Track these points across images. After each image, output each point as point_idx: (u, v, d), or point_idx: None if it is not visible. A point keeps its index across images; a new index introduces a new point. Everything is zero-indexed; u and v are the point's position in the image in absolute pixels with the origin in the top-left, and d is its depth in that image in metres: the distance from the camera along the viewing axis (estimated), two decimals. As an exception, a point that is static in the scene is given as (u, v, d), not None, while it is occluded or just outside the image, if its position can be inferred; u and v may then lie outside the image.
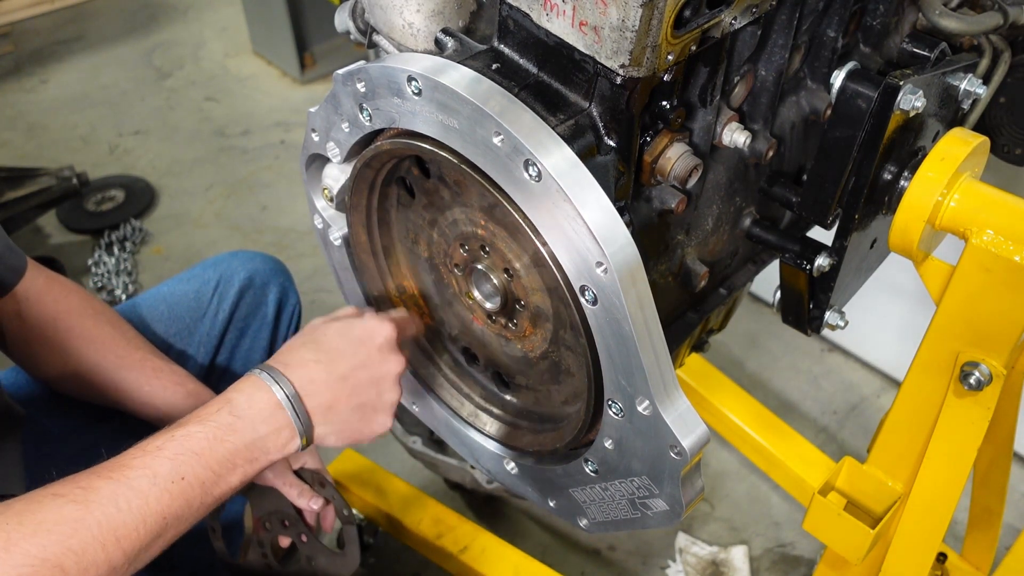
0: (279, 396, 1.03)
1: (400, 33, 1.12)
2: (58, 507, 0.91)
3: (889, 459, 1.29)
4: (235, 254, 1.63)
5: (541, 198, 0.92)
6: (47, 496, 0.92)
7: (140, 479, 0.95)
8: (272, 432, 1.03)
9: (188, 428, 1.00)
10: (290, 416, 1.04)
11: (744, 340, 2.68)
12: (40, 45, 4.33)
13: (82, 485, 0.93)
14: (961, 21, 1.15)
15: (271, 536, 1.49)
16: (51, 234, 3.22)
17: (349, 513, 1.45)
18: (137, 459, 0.97)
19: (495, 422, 1.28)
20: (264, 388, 1.03)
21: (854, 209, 1.11)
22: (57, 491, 0.93)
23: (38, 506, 0.91)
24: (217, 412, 1.01)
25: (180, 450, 0.98)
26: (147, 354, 1.42)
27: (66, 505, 0.91)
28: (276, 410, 1.03)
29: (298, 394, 1.04)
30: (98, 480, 0.94)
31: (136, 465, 0.96)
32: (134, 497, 0.94)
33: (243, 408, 1.02)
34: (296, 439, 1.05)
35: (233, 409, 1.02)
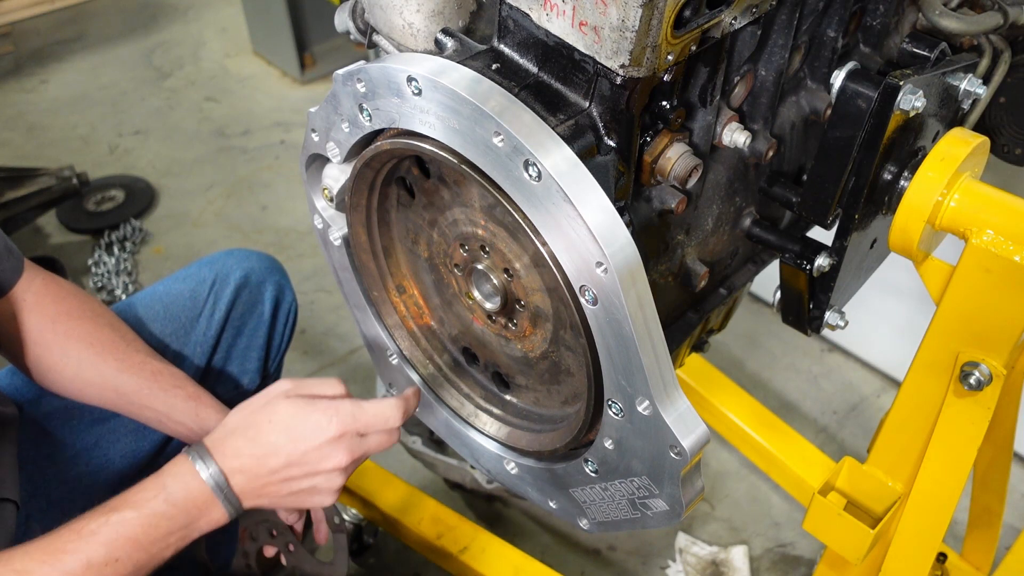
0: (210, 484, 1.06)
1: (400, 33, 1.12)
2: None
3: (889, 459, 1.29)
4: (230, 252, 1.63)
5: (541, 198, 0.92)
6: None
7: (75, 564, 0.99)
8: (203, 515, 1.08)
9: (123, 514, 1.03)
10: (220, 501, 1.08)
11: (744, 340, 2.68)
12: (40, 45, 4.33)
13: (18, 569, 0.97)
14: (961, 21, 1.15)
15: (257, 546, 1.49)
16: (51, 234, 3.22)
17: (340, 522, 1.45)
18: (72, 543, 1.00)
19: (495, 422, 1.28)
20: (196, 476, 1.07)
21: (854, 209, 1.11)
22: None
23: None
24: (153, 499, 1.04)
25: (114, 535, 1.01)
26: (146, 356, 1.41)
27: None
28: (208, 498, 1.07)
29: (228, 483, 1.07)
30: (33, 564, 0.98)
31: (71, 550, 0.99)
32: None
33: (177, 496, 1.05)
34: (225, 515, 1.09)
35: (168, 497, 1.05)
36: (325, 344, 2.70)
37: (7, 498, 1.24)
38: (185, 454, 1.08)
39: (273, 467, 1.08)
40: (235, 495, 1.08)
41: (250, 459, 1.08)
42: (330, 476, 1.11)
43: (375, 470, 2.05)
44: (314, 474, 1.10)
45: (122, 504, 1.04)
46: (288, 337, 1.68)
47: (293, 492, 1.11)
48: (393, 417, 1.12)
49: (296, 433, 1.08)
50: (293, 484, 1.10)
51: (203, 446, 1.09)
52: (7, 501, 1.24)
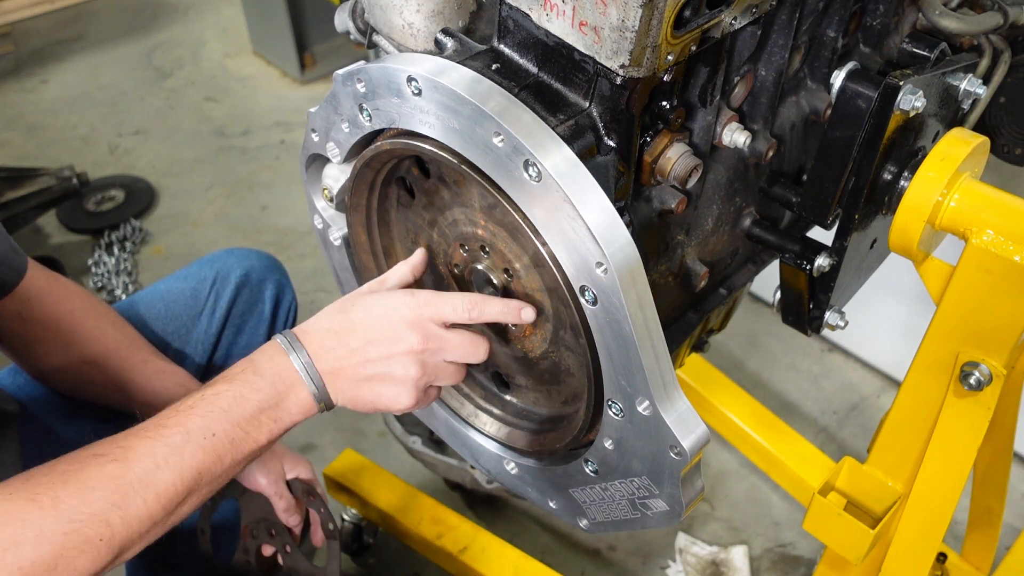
0: (292, 358, 1.08)
1: (400, 33, 1.12)
2: (100, 465, 0.96)
3: (889, 459, 1.29)
4: (230, 251, 1.63)
5: (541, 198, 0.92)
6: (89, 456, 0.97)
7: (175, 435, 1.00)
8: (290, 391, 1.08)
9: (217, 387, 1.05)
10: (303, 378, 1.08)
11: (744, 340, 2.68)
12: (40, 45, 4.33)
13: (121, 444, 0.99)
14: (961, 21, 1.15)
15: (256, 544, 1.50)
16: (51, 234, 3.22)
17: (334, 528, 1.45)
18: (171, 418, 1.02)
19: (495, 422, 1.28)
20: (280, 351, 1.08)
21: (854, 209, 1.11)
22: (98, 451, 0.98)
23: (81, 465, 0.96)
24: (242, 372, 1.07)
25: (210, 408, 1.03)
26: (149, 355, 1.42)
27: (107, 464, 0.96)
28: (291, 371, 1.08)
29: (310, 359, 1.08)
30: (135, 439, 1.00)
31: (170, 424, 1.01)
32: (170, 453, 0.99)
33: (263, 368, 1.07)
34: (312, 401, 1.09)
35: (256, 368, 1.07)
36: (325, 344, 2.70)
37: None
38: (273, 338, 1.11)
39: (353, 346, 1.08)
40: (318, 374, 1.08)
41: (330, 335, 1.09)
42: (404, 362, 1.08)
43: (375, 470, 2.05)
44: (389, 356, 1.08)
45: (216, 381, 1.07)
46: None
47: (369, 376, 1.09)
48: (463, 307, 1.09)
49: (375, 312, 1.08)
50: (369, 366, 1.09)
51: (290, 331, 1.11)
52: None
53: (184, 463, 1.00)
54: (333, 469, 2.05)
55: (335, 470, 2.05)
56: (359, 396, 1.11)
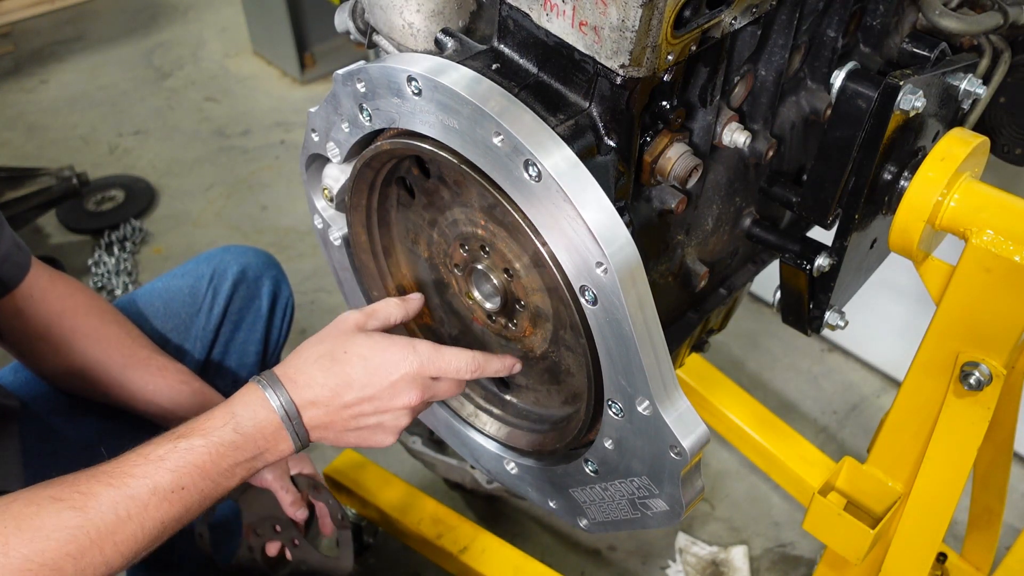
0: (280, 415, 1.04)
1: (400, 33, 1.12)
2: (56, 512, 0.92)
3: (889, 459, 1.29)
4: (227, 249, 1.64)
5: (541, 198, 0.92)
6: (45, 499, 0.93)
7: (141, 488, 0.96)
8: (271, 446, 1.05)
9: (191, 441, 1.00)
10: (288, 434, 1.05)
11: (744, 340, 2.68)
12: (40, 45, 4.33)
13: (82, 490, 0.94)
14: (961, 21, 1.15)
15: (261, 541, 1.49)
16: (51, 234, 3.22)
17: (344, 517, 1.45)
18: (139, 467, 0.98)
19: (495, 422, 1.28)
20: (267, 406, 1.03)
21: (854, 209, 1.11)
22: (56, 494, 0.93)
23: (36, 509, 0.91)
24: (222, 427, 1.02)
25: (182, 462, 0.99)
26: (151, 352, 1.42)
27: (65, 511, 0.92)
28: (277, 428, 1.04)
29: (299, 413, 1.05)
30: (98, 486, 0.95)
31: (138, 474, 0.97)
32: (134, 506, 0.95)
33: (247, 426, 1.02)
34: (292, 448, 1.07)
35: (237, 426, 1.02)
36: (325, 344, 2.70)
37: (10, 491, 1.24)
38: (255, 383, 1.05)
39: (347, 400, 1.05)
40: (304, 428, 1.05)
41: (324, 390, 1.04)
42: (398, 415, 1.08)
43: (375, 470, 2.05)
44: (384, 411, 1.06)
45: (190, 431, 1.01)
46: (286, 331, 1.69)
47: (359, 428, 1.08)
48: (466, 369, 1.08)
49: (373, 366, 1.04)
50: (361, 420, 1.07)
51: (274, 375, 1.05)
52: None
53: (148, 516, 0.96)
54: (334, 469, 2.05)
55: (335, 470, 2.05)
56: (344, 441, 1.09)
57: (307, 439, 1.07)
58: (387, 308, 1.12)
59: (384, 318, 1.11)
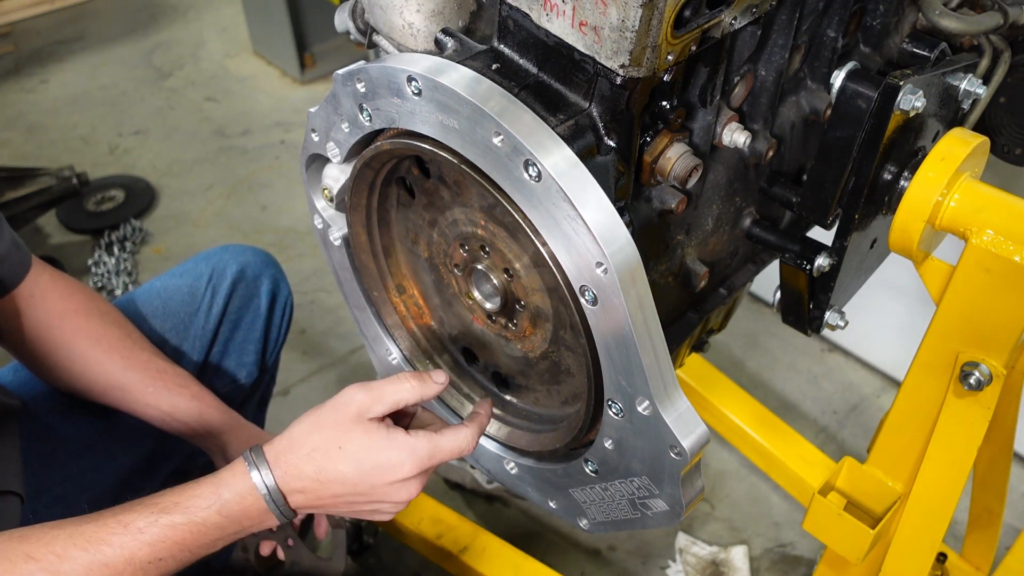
0: (265, 499, 1.03)
1: (400, 33, 1.12)
2: (29, 572, 0.92)
3: (889, 459, 1.29)
4: (226, 248, 1.63)
5: (541, 198, 0.92)
6: (21, 557, 0.92)
7: (116, 558, 0.95)
8: (255, 523, 1.05)
9: (173, 517, 0.99)
10: (274, 514, 1.04)
11: (744, 340, 2.68)
12: (40, 45, 4.33)
13: (57, 552, 0.94)
14: (961, 21, 1.15)
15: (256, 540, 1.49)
16: (51, 234, 3.22)
17: (339, 518, 1.45)
18: (116, 536, 0.97)
19: (495, 422, 1.28)
20: (254, 491, 1.02)
21: (854, 209, 1.11)
22: (31, 552, 0.93)
23: (10, 567, 0.91)
24: (206, 508, 1.01)
25: (161, 537, 0.98)
26: (151, 355, 1.42)
27: (37, 573, 0.92)
28: (262, 510, 1.03)
29: (284, 499, 1.04)
30: (74, 551, 0.94)
31: (115, 543, 0.96)
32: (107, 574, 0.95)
33: (232, 509, 1.02)
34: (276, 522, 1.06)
35: (222, 508, 1.01)
36: (325, 344, 2.70)
37: (11, 490, 1.24)
38: (244, 463, 1.03)
39: (336, 492, 1.03)
40: (290, 510, 1.04)
41: (312, 483, 1.02)
42: (396, 505, 1.06)
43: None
44: (380, 502, 1.05)
45: (173, 507, 1.00)
46: (285, 331, 1.68)
47: (353, 512, 1.07)
48: (468, 447, 1.05)
49: (367, 467, 1.01)
50: (354, 507, 1.06)
51: (263, 458, 1.03)
52: (11, 493, 1.24)
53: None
54: (333, 469, 2.05)
55: (335, 470, 2.05)
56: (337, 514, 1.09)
57: (292, 516, 1.06)
58: (398, 391, 1.04)
59: (393, 403, 1.04)
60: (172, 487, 1.03)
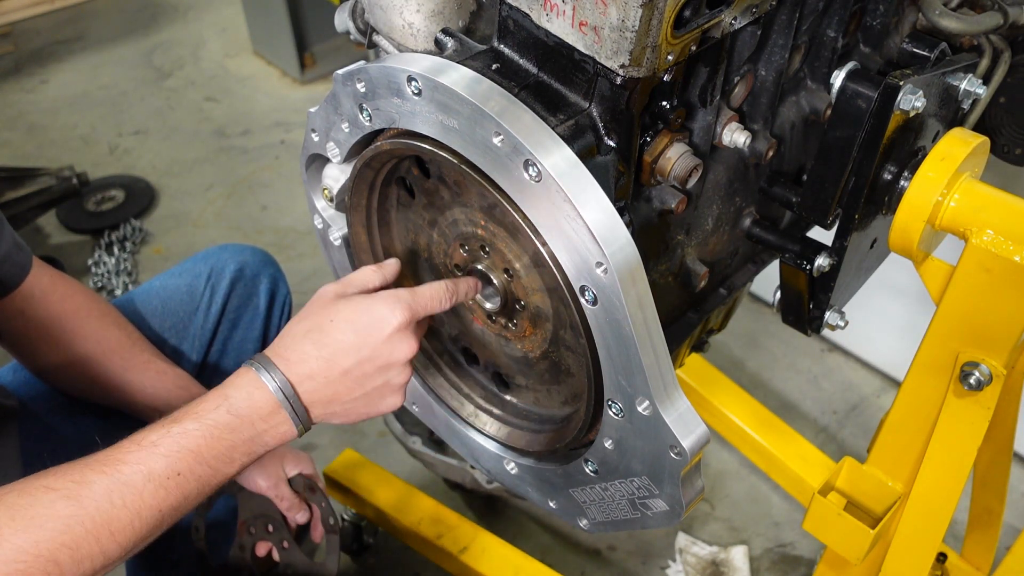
0: (277, 396, 1.01)
1: (400, 33, 1.12)
2: (50, 502, 0.90)
3: (889, 459, 1.29)
4: (224, 247, 1.63)
5: (541, 198, 0.92)
6: (39, 489, 0.91)
7: (135, 475, 0.94)
8: (270, 428, 1.02)
9: (184, 424, 0.98)
10: (288, 413, 1.02)
11: (744, 340, 2.68)
12: (40, 45, 4.33)
13: (75, 479, 0.93)
14: (961, 21, 1.15)
15: (253, 541, 1.49)
16: (51, 234, 3.22)
17: (335, 522, 1.45)
18: (132, 454, 0.96)
19: (495, 422, 1.28)
20: (262, 386, 1.01)
21: (854, 209, 1.11)
22: (50, 484, 0.92)
23: (30, 500, 0.90)
24: (215, 409, 1.00)
25: (176, 447, 0.97)
26: (151, 356, 1.42)
27: (58, 500, 0.91)
28: (274, 408, 1.01)
29: (296, 392, 1.02)
30: (92, 474, 0.93)
31: (131, 460, 0.95)
32: (128, 493, 0.93)
33: (241, 407, 1.00)
34: (294, 429, 1.04)
35: (231, 407, 1.00)
36: (325, 344, 2.70)
37: None
38: (247, 365, 1.02)
39: (345, 366, 1.02)
40: (302, 405, 1.02)
41: (319, 361, 1.01)
42: (400, 369, 1.05)
43: (375, 470, 2.05)
44: (387, 367, 1.04)
45: (183, 415, 0.99)
46: None
47: (366, 393, 1.05)
48: (446, 298, 1.07)
49: (363, 326, 1.02)
50: (367, 383, 1.04)
51: (265, 356, 1.03)
52: None
53: (144, 503, 0.94)
54: (333, 469, 2.05)
55: (335, 470, 2.05)
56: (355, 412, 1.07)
57: (308, 419, 1.04)
58: (363, 275, 1.09)
59: (361, 284, 1.08)
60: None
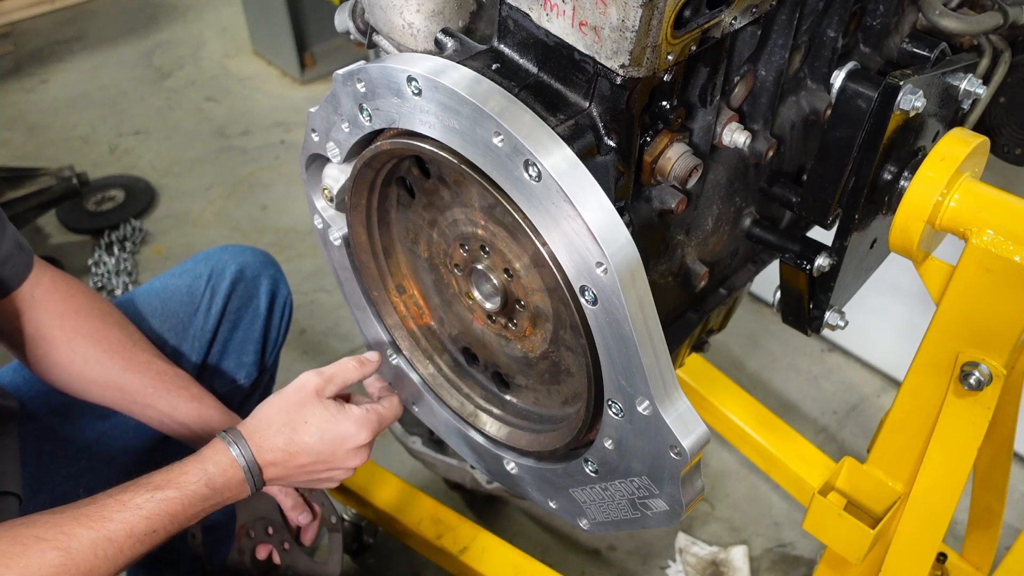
0: (244, 472, 1.19)
1: (400, 33, 1.12)
2: (42, 552, 1.02)
3: (889, 459, 1.29)
4: (224, 248, 1.63)
5: (541, 198, 0.92)
6: (31, 539, 1.02)
7: (118, 532, 1.07)
8: (233, 494, 1.20)
9: (167, 492, 1.13)
10: (249, 485, 1.20)
11: (744, 340, 2.68)
12: (40, 45, 4.33)
13: (65, 531, 1.04)
14: (961, 21, 1.15)
15: (252, 543, 1.49)
16: (51, 234, 3.22)
17: (337, 522, 1.45)
18: (118, 513, 1.08)
19: (495, 422, 1.28)
20: (235, 466, 1.18)
21: (854, 209, 1.11)
22: (40, 534, 1.03)
23: (23, 549, 1.01)
24: (195, 483, 1.15)
25: (156, 511, 1.11)
26: (152, 356, 1.42)
27: (49, 551, 1.02)
28: (240, 482, 1.19)
29: (260, 473, 1.20)
30: (80, 529, 1.05)
31: (116, 519, 1.08)
32: (111, 547, 1.06)
33: (217, 481, 1.17)
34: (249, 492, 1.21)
35: (209, 481, 1.16)
36: (325, 344, 2.70)
37: (9, 491, 1.24)
38: (223, 441, 1.19)
39: (302, 463, 1.21)
40: (262, 480, 1.21)
41: (283, 455, 1.20)
42: (347, 471, 1.25)
43: (375, 470, 2.05)
44: (335, 469, 1.24)
45: (166, 484, 1.13)
46: (284, 331, 1.68)
47: (311, 480, 1.25)
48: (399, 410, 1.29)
49: (328, 437, 1.20)
50: (314, 475, 1.23)
51: (240, 435, 1.19)
52: (9, 494, 1.24)
53: (123, 556, 1.08)
54: (333, 469, 2.05)
55: (335, 470, 2.05)
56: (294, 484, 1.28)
57: (263, 485, 1.22)
58: (344, 372, 1.25)
59: (341, 382, 1.25)
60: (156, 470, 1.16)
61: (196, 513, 1.15)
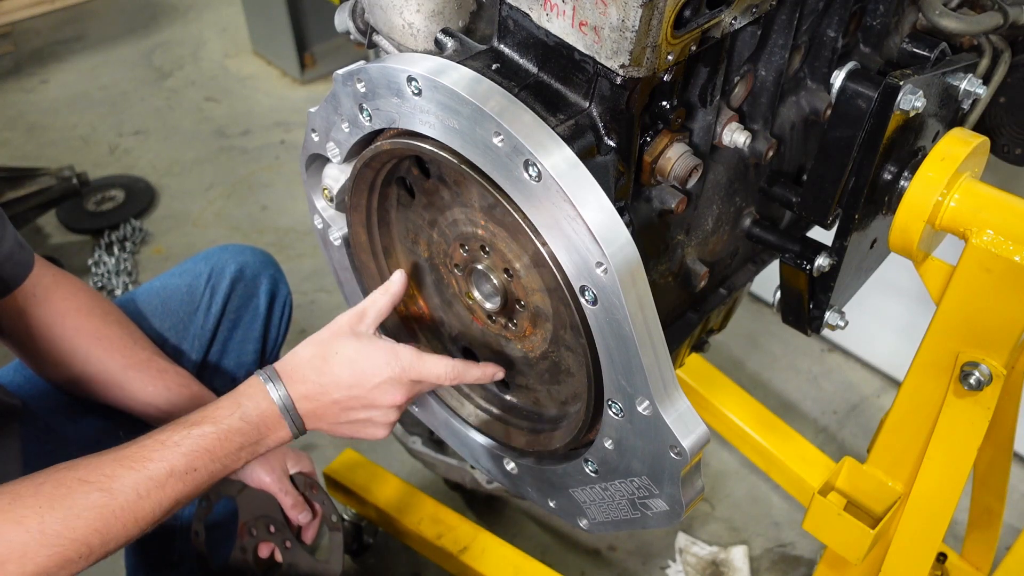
0: (279, 406, 1.15)
1: (400, 33, 1.12)
2: (85, 494, 1.03)
3: (889, 459, 1.29)
4: (224, 248, 1.64)
5: (541, 198, 0.92)
6: (75, 481, 1.04)
7: (159, 471, 1.08)
8: (272, 432, 1.17)
9: (203, 428, 1.12)
10: (287, 422, 1.16)
11: (744, 340, 2.68)
12: (40, 45, 4.33)
13: (107, 473, 1.05)
14: (961, 21, 1.15)
15: (255, 542, 1.49)
16: (51, 234, 3.22)
17: (338, 520, 1.45)
18: (157, 452, 1.09)
19: (496, 422, 1.28)
20: (268, 398, 1.15)
21: (854, 209, 1.11)
22: (84, 477, 1.04)
23: (68, 491, 1.03)
24: (229, 416, 1.13)
25: (195, 447, 1.10)
26: (152, 355, 1.42)
27: (93, 492, 1.03)
28: (276, 417, 1.16)
29: (294, 405, 1.16)
30: (122, 469, 1.06)
31: (156, 458, 1.08)
32: (153, 487, 1.07)
33: (251, 415, 1.15)
34: (290, 435, 1.18)
35: (243, 415, 1.14)
36: (325, 344, 2.70)
37: None
38: (257, 376, 1.17)
39: (335, 397, 1.16)
40: (299, 416, 1.17)
41: (315, 386, 1.16)
42: (386, 411, 1.18)
43: (375, 470, 2.05)
44: (371, 407, 1.17)
45: (202, 419, 1.13)
46: (284, 330, 1.69)
47: (351, 421, 1.19)
48: (445, 377, 1.17)
49: (358, 368, 1.15)
50: (351, 413, 1.18)
51: (274, 370, 1.17)
52: None
53: (165, 495, 1.08)
54: (333, 469, 2.05)
55: (335, 470, 2.05)
56: (339, 432, 1.21)
57: (303, 427, 1.18)
58: (376, 306, 1.19)
59: (376, 316, 1.18)
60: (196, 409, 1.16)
61: (234, 450, 1.13)
